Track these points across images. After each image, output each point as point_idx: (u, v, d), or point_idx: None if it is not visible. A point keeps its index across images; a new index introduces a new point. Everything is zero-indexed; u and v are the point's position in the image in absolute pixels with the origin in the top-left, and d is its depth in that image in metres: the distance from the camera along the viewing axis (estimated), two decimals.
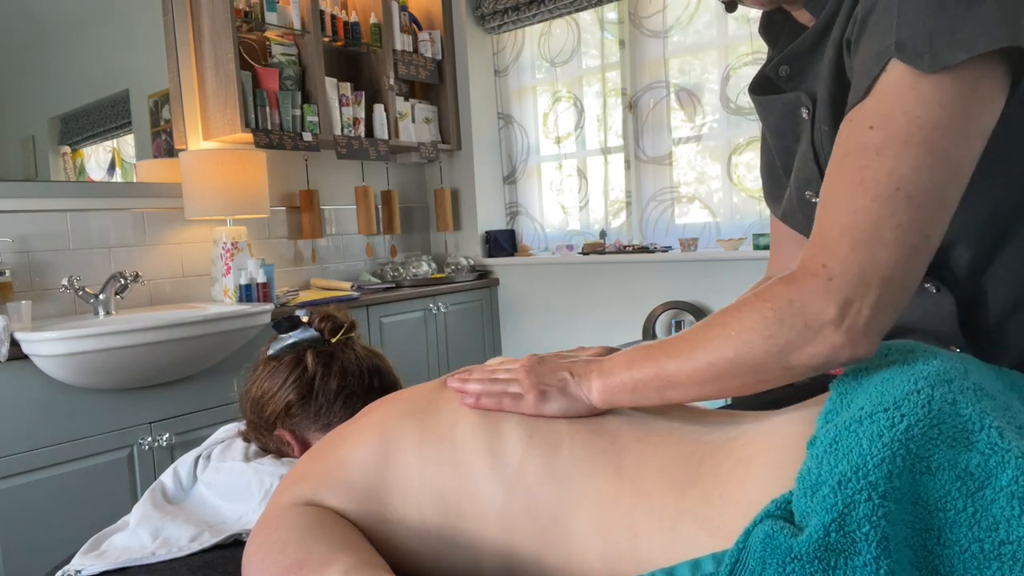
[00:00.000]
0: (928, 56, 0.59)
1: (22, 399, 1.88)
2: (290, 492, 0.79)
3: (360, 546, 0.71)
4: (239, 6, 2.65)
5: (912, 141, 0.59)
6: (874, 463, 0.52)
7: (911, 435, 0.54)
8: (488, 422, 0.74)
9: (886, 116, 0.61)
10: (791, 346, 0.61)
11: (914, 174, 0.59)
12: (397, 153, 3.37)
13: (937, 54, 0.58)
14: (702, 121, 2.97)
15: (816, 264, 0.61)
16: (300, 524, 0.73)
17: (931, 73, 0.59)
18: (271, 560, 0.71)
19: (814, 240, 0.63)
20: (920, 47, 0.59)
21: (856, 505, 0.50)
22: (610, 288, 3.09)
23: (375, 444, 0.77)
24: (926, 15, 0.60)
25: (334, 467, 0.78)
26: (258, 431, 1.10)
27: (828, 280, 0.60)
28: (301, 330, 1.09)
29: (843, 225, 0.61)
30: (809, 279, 0.61)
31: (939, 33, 0.59)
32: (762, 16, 0.89)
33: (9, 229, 2.21)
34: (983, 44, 0.58)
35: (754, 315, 0.63)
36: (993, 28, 0.58)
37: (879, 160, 0.60)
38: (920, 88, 0.59)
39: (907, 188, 0.59)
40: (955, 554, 0.51)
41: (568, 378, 0.74)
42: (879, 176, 0.60)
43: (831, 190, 0.63)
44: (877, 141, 0.60)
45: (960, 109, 0.59)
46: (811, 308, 0.60)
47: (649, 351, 0.70)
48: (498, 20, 3.36)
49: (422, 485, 0.73)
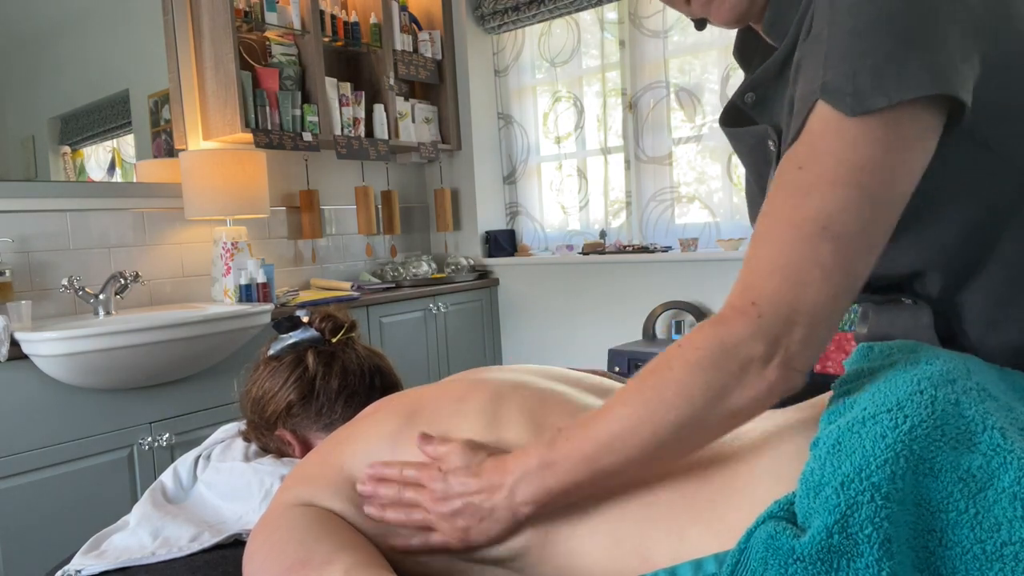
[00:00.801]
0: (851, 99, 0.59)
1: (22, 399, 1.88)
2: (292, 492, 0.79)
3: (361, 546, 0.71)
4: (239, 6, 2.65)
5: (839, 182, 0.60)
6: (877, 464, 0.52)
7: (914, 436, 0.54)
8: (491, 426, 0.74)
9: (814, 157, 0.61)
10: (728, 390, 0.60)
11: (841, 214, 0.59)
12: (397, 153, 3.37)
13: (860, 98, 0.59)
14: (702, 121, 2.97)
15: (745, 302, 0.61)
16: (301, 524, 0.73)
17: (854, 116, 0.59)
18: (272, 559, 0.71)
19: (744, 277, 0.63)
20: (844, 89, 0.59)
21: (859, 506, 0.50)
22: (610, 288, 3.09)
23: (374, 446, 0.77)
24: (852, 59, 0.60)
25: (336, 469, 0.78)
26: (258, 431, 1.10)
27: (758, 317, 0.60)
28: (302, 330, 1.09)
29: (772, 264, 0.61)
30: (739, 318, 0.61)
31: (864, 77, 0.59)
32: (736, 38, 0.88)
33: (9, 229, 2.21)
34: (906, 92, 0.58)
35: (688, 367, 0.61)
36: (918, 75, 0.58)
37: (807, 200, 0.60)
38: (846, 130, 0.60)
39: (833, 228, 0.59)
40: (957, 555, 0.51)
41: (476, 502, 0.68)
42: (807, 215, 0.60)
43: (762, 228, 0.64)
44: (806, 181, 0.61)
45: (886, 151, 0.60)
46: (743, 348, 0.60)
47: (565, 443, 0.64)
48: (498, 20, 3.36)
49: None
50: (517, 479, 0.66)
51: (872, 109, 0.59)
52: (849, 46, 0.60)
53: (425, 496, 0.71)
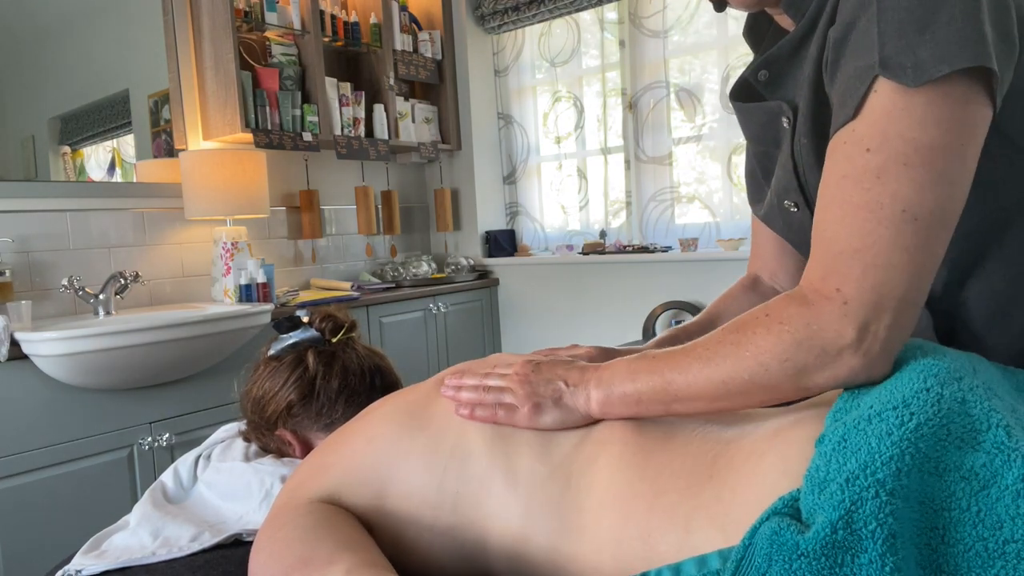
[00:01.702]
0: (912, 71, 0.59)
1: (22, 399, 1.88)
2: (297, 490, 0.79)
3: (365, 545, 0.71)
4: (239, 6, 2.65)
5: (911, 163, 0.60)
6: (883, 461, 0.52)
7: (920, 434, 0.54)
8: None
9: (882, 138, 0.61)
10: (808, 369, 0.62)
11: (917, 195, 0.60)
12: (397, 153, 3.37)
13: (921, 69, 0.59)
14: (702, 121, 2.97)
15: (830, 288, 0.61)
16: (306, 522, 0.73)
17: (917, 88, 0.59)
18: (276, 557, 0.71)
19: (822, 261, 0.63)
20: (905, 62, 0.60)
21: (864, 502, 0.50)
22: (610, 288, 3.09)
23: (379, 443, 0.77)
24: (907, 32, 0.60)
25: (339, 466, 0.78)
26: (259, 431, 1.10)
27: (844, 304, 0.60)
28: (302, 330, 1.09)
29: (852, 249, 0.61)
30: (825, 303, 0.61)
31: (924, 49, 0.59)
32: (747, 19, 0.88)
33: (9, 229, 2.21)
34: (965, 60, 0.58)
35: (770, 337, 0.63)
36: (975, 47, 0.59)
37: (881, 183, 0.61)
38: (913, 109, 0.60)
39: (912, 210, 0.60)
40: (959, 552, 0.51)
41: (563, 388, 0.73)
42: (883, 199, 0.60)
43: (834, 212, 0.63)
44: (876, 164, 0.61)
45: (954, 128, 0.60)
46: (829, 333, 0.61)
47: (653, 363, 0.69)
48: (498, 20, 3.36)
49: (427, 483, 0.73)
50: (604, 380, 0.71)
51: (934, 77, 0.59)
52: (904, 20, 0.60)
53: (514, 381, 0.75)
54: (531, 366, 0.76)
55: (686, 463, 0.65)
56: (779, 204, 0.82)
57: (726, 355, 0.65)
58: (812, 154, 0.73)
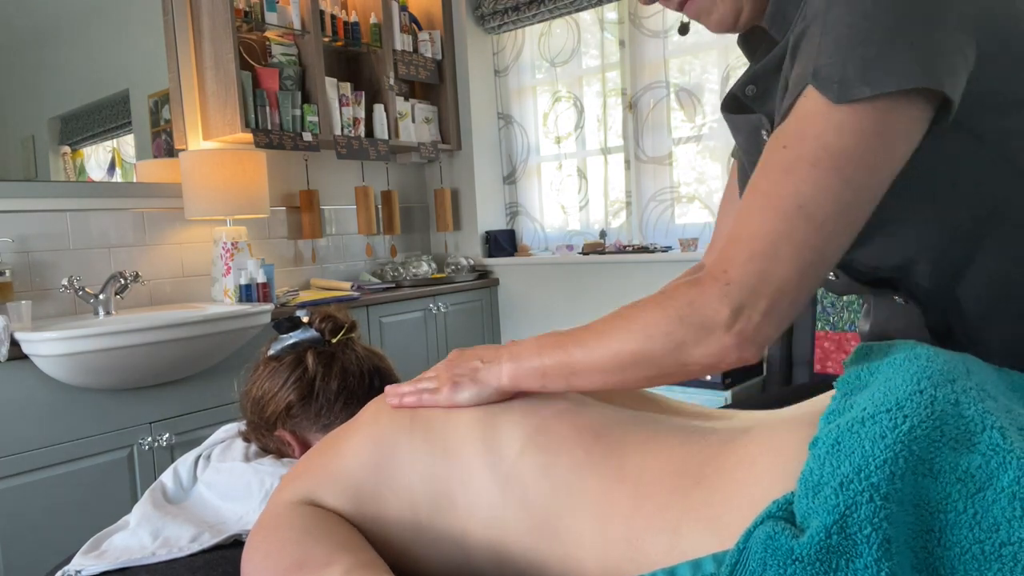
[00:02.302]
0: (838, 87, 0.61)
1: (22, 399, 1.88)
2: (289, 492, 0.80)
3: (360, 546, 0.71)
4: (239, 6, 2.65)
5: (819, 164, 0.61)
6: (876, 464, 0.52)
7: (914, 436, 0.54)
8: (484, 419, 0.74)
9: (799, 138, 0.63)
10: (686, 345, 0.65)
11: (817, 195, 0.61)
12: (397, 153, 3.37)
13: (847, 86, 0.60)
14: (702, 121, 2.97)
15: (719, 270, 0.64)
16: (300, 524, 0.73)
17: (839, 104, 0.61)
18: (271, 560, 0.71)
19: (724, 245, 0.66)
20: (833, 77, 0.61)
21: (858, 506, 0.50)
22: (610, 288, 3.09)
23: (371, 444, 0.77)
24: (844, 48, 0.61)
25: (332, 467, 0.79)
26: (258, 431, 1.10)
27: (726, 285, 0.63)
28: (302, 330, 1.09)
29: (748, 235, 0.64)
30: (711, 283, 0.64)
31: (852, 66, 0.60)
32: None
33: (9, 229, 2.21)
34: (891, 83, 0.59)
35: (657, 312, 0.66)
36: (906, 68, 0.59)
37: (786, 178, 0.63)
38: (832, 115, 0.61)
39: (808, 207, 0.61)
40: (956, 556, 0.51)
41: (479, 365, 0.77)
42: (783, 193, 0.62)
43: (745, 201, 0.66)
44: (787, 160, 0.63)
45: (869, 140, 0.61)
46: (707, 310, 0.63)
47: (558, 339, 0.73)
48: (498, 20, 3.36)
49: (416, 481, 0.74)
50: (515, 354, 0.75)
51: (856, 98, 0.60)
52: (842, 35, 0.61)
53: (439, 369, 0.80)
54: (456, 353, 0.82)
55: (670, 465, 0.65)
56: None
57: (619, 327, 0.69)
58: None
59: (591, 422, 0.72)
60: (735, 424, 0.69)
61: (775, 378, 2.41)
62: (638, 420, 0.72)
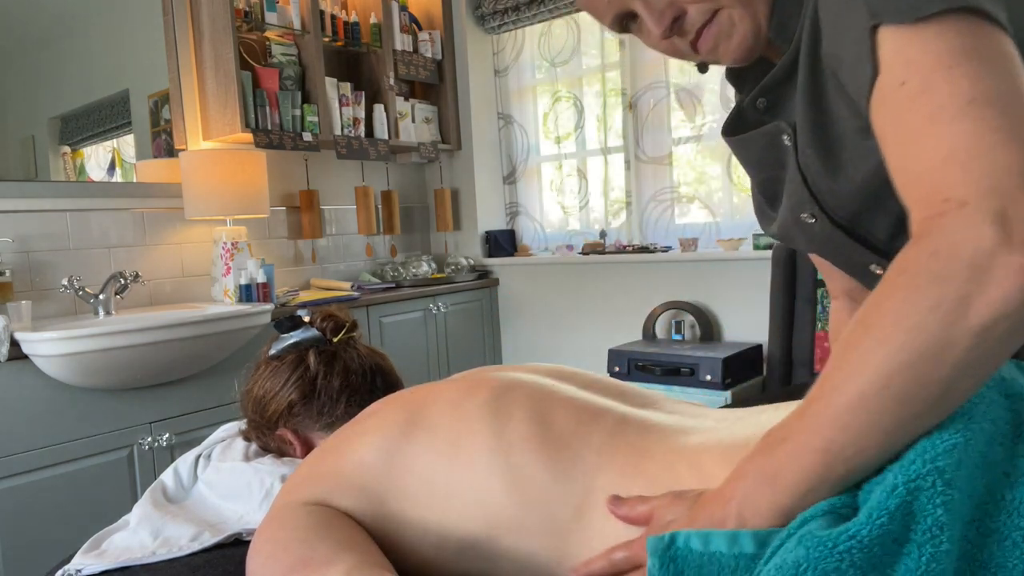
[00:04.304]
0: (907, 7, 0.56)
1: (22, 399, 1.88)
2: (295, 492, 0.79)
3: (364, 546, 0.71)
4: (239, 6, 2.65)
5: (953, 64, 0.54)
6: (945, 448, 0.51)
7: (973, 428, 0.53)
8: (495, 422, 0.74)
9: (910, 66, 0.56)
10: (968, 299, 0.48)
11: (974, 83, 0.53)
12: (397, 153, 3.37)
13: (915, 5, 0.56)
14: (702, 121, 2.97)
15: (935, 208, 0.52)
16: (305, 523, 0.73)
17: (914, 23, 0.56)
18: (275, 558, 0.71)
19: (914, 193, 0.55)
20: (899, 5, 0.57)
21: (920, 491, 0.50)
22: (610, 288, 3.09)
23: (379, 444, 0.77)
24: None
25: (338, 468, 0.78)
26: (259, 430, 1.10)
27: (961, 208, 0.50)
28: (303, 330, 1.09)
29: (940, 158, 0.53)
30: (939, 222, 0.51)
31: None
32: None
33: (9, 229, 2.20)
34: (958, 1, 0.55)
35: (898, 295, 0.50)
36: None
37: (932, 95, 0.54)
38: (923, 34, 0.56)
39: (978, 96, 0.53)
40: (995, 543, 0.51)
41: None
42: (943, 103, 0.54)
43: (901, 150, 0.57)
44: (917, 84, 0.55)
45: (977, 36, 0.56)
46: (966, 245, 0.49)
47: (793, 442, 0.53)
48: (498, 20, 3.36)
49: (426, 484, 0.73)
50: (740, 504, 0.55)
51: (930, 12, 0.55)
52: None
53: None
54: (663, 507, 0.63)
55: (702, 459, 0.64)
56: (795, 220, 0.80)
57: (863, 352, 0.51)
58: (818, 162, 0.72)
59: (611, 426, 0.72)
60: (768, 412, 0.68)
61: (775, 378, 2.41)
62: (666, 421, 0.71)
